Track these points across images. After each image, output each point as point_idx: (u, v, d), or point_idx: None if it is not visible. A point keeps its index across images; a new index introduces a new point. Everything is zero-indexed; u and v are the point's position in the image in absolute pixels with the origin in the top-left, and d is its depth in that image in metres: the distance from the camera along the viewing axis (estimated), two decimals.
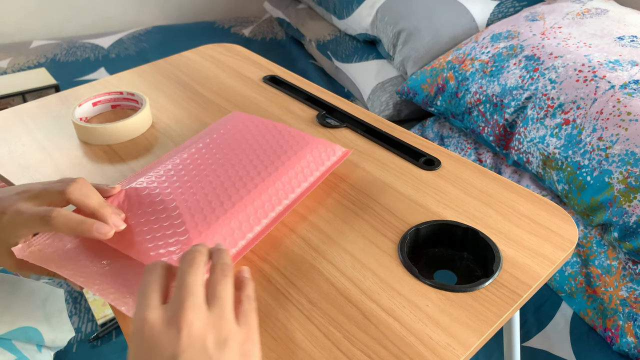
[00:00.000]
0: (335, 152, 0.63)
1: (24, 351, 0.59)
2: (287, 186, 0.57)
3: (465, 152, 1.31)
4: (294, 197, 0.57)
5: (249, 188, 0.55)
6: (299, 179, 0.58)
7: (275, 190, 0.56)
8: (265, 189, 0.55)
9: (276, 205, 0.55)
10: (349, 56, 1.68)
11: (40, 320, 0.62)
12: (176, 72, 0.88)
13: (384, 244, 0.54)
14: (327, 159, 0.62)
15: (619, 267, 0.98)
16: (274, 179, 0.57)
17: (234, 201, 0.53)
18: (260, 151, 0.60)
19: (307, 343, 0.44)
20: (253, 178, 0.56)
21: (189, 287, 0.38)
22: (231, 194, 0.54)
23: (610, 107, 1.00)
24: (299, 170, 0.59)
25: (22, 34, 2.12)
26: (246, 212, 0.53)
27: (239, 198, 0.53)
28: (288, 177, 0.58)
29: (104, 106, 0.77)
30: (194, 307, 0.37)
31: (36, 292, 0.63)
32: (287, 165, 0.59)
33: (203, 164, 0.58)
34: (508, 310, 0.47)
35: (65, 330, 0.66)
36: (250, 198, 0.54)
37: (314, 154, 0.61)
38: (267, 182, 0.56)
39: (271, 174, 0.57)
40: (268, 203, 0.55)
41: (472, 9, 1.48)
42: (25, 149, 0.69)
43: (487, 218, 0.57)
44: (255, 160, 0.59)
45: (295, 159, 0.60)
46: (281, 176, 0.57)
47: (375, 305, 0.47)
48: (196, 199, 0.53)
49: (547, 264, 0.52)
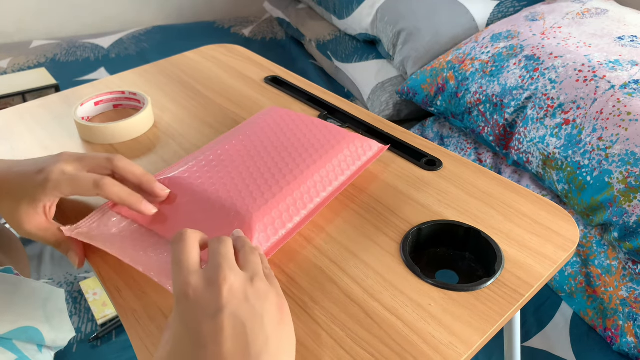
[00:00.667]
0: (371, 147, 0.64)
1: (24, 351, 0.59)
2: (325, 179, 0.58)
3: (465, 152, 1.31)
4: (331, 189, 0.59)
5: (289, 180, 0.56)
6: (336, 172, 0.60)
7: (314, 183, 0.57)
8: (304, 181, 0.57)
9: (314, 197, 0.57)
10: (349, 56, 1.68)
11: (41, 320, 0.62)
12: (178, 73, 0.88)
13: (386, 243, 0.54)
14: (363, 154, 0.63)
15: (619, 267, 0.98)
16: (312, 171, 0.58)
17: (275, 192, 0.55)
18: (298, 145, 0.62)
19: (310, 342, 0.45)
20: (292, 170, 0.57)
21: (223, 253, 0.42)
22: (271, 185, 0.55)
23: (610, 107, 1.00)
24: (336, 164, 0.60)
25: (22, 34, 2.12)
26: (286, 202, 0.54)
27: (279, 189, 0.55)
28: (326, 171, 0.59)
29: (106, 105, 0.77)
30: (231, 268, 0.41)
31: (37, 292, 0.63)
32: (324, 159, 0.60)
33: (244, 156, 0.60)
34: (510, 309, 0.47)
35: (65, 330, 0.66)
36: (290, 189, 0.55)
37: (351, 148, 0.62)
38: (305, 175, 0.57)
39: (310, 166, 0.58)
40: (307, 195, 0.56)
41: (472, 9, 1.49)
42: (27, 148, 0.70)
43: (488, 218, 0.57)
44: (294, 153, 0.60)
45: (333, 153, 0.61)
46: (319, 169, 0.59)
47: (378, 304, 0.48)
48: (238, 188, 0.55)
49: (548, 264, 0.52)
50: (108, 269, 0.52)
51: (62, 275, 1.15)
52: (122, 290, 0.50)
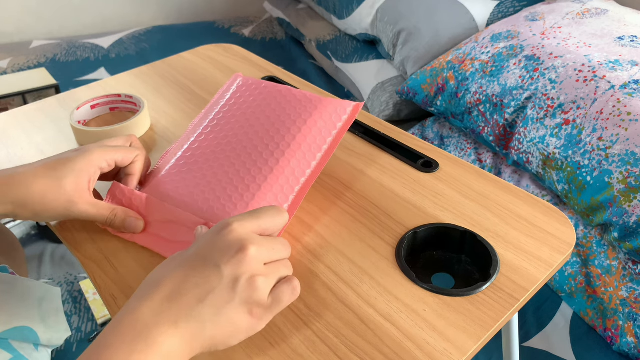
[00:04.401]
0: (345, 109, 0.63)
1: (20, 350, 0.59)
2: (302, 162, 0.58)
3: (465, 152, 1.31)
4: (310, 171, 0.58)
5: (265, 173, 0.56)
6: (313, 149, 0.59)
7: (291, 170, 0.57)
8: (282, 171, 0.57)
9: (294, 185, 0.57)
10: (349, 56, 1.68)
11: (36, 319, 0.62)
12: (174, 74, 0.88)
13: (381, 247, 0.54)
14: (338, 120, 0.62)
15: (619, 267, 0.98)
16: (288, 157, 0.58)
17: (253, 192, 0.55)
18: (269, 124, 0.61)
19: (304, 349, 0.44)
20: (267, 160, 0.57)
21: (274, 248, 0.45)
22: (249, 184, 0.56)
23: (610, 107, 1.00)
24: (311, 141, 0.60)
25: (22, 34, 2.12)
26: (266, 198, 0.55)
27: (257, 187, 0.56)
28: (302, 152, 0.58)
29: (102, 109, 0.77)
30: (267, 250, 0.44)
31: (32, 291, 0.63)
32: (298, 139, 0.59)
33: (217, 151, 0.60)
34: (505, 314, 0.47)
35: (61, 330, 0.65)
36: (268, 184, 0.56)
37: (325, 117, 0.61)
38: (281, 164, 0.57)
39: (284, 152, 0.58)
40: (286, 185, 0.56)
41: (472, 9, 1.48)
42: (23, 153, 0.69)
43: (484, 221, 0.57)
44: (266, 137, 0.60)
45: (306, 128, 0.60)
46: (294, 153, 0.58)
47: (373, 310, 0.47)
48: (216, 194, 0.56)
49: (544, 268, 0.52)
50: (104, 277, 0.52)
51: (62, 275, 1.15)
52: (118, 298, 0.50)
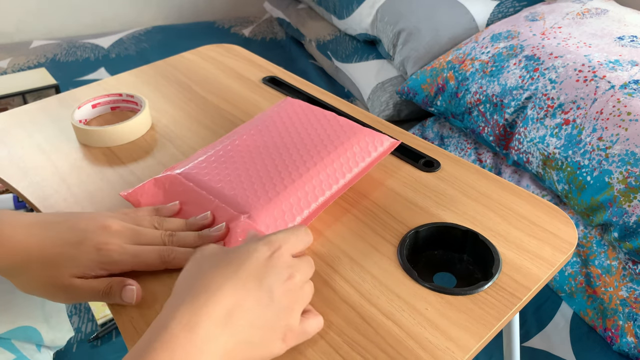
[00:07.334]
0: (382, 142, 0.64)
1: (23, 350, 0.59)
2: (331, 177, 0.58)
3: (465, 152, 1.31)
4: (337, 187, 0.58)
5: (294, 177, 0.57)
6: (344, 169, 0.60)
7: (319, 181, 0.57)
8: (310, 180, 0.57)
9: (319, 195, 0.57)
10: (349, 56, 1.68)
11: (39, 320, 0.62)
12: (175, 73, 0.88)
13: (383, 246, 0.54)
14: (374, 149, 0.63)
15: (619, 267, 0.98)
16: (319, 169, 0.58)
17: (278, 190, 0.55)
18: (308, 140, 0.62)
19: (306, 348, 0.44)
20: (299, 167, 0.58)
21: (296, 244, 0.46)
22: (276, 183, 0.56)
23: (610, 107, 1.00)
24: (344, 161, 0.60)
25: (22, 34, 2.12)
26: (289, 201, 0.55)
27: (283, 187, 0.56)
28: (333, 168, 0.59)
29: (103, 108, 0.77)
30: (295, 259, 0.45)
31: None
32: (332, 155, 0.60)
33: (252, 152, 0.60)
34: (507, 313, 0.47)
35: (64, 330, 0.66)
36: (294, 188, 0.56)
37: (361, 144, 0.62)
38: (311, 173, 0.57)
39: (317, 163, 0.58)
40: (311, 194, 0.56)
41: (472, 9, 1.48)
42: (24, 152, 0.69)
43: (486, 220, 0.57)
44: (302, 149, 0.60)
45: (342, 149, 0.61)
46: (326, 167, 0.58)
47: (375, 309, 0.47)
48: (243, 186, 0.56)
49: (546, 267, 0.52)
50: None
51: None
52: None
